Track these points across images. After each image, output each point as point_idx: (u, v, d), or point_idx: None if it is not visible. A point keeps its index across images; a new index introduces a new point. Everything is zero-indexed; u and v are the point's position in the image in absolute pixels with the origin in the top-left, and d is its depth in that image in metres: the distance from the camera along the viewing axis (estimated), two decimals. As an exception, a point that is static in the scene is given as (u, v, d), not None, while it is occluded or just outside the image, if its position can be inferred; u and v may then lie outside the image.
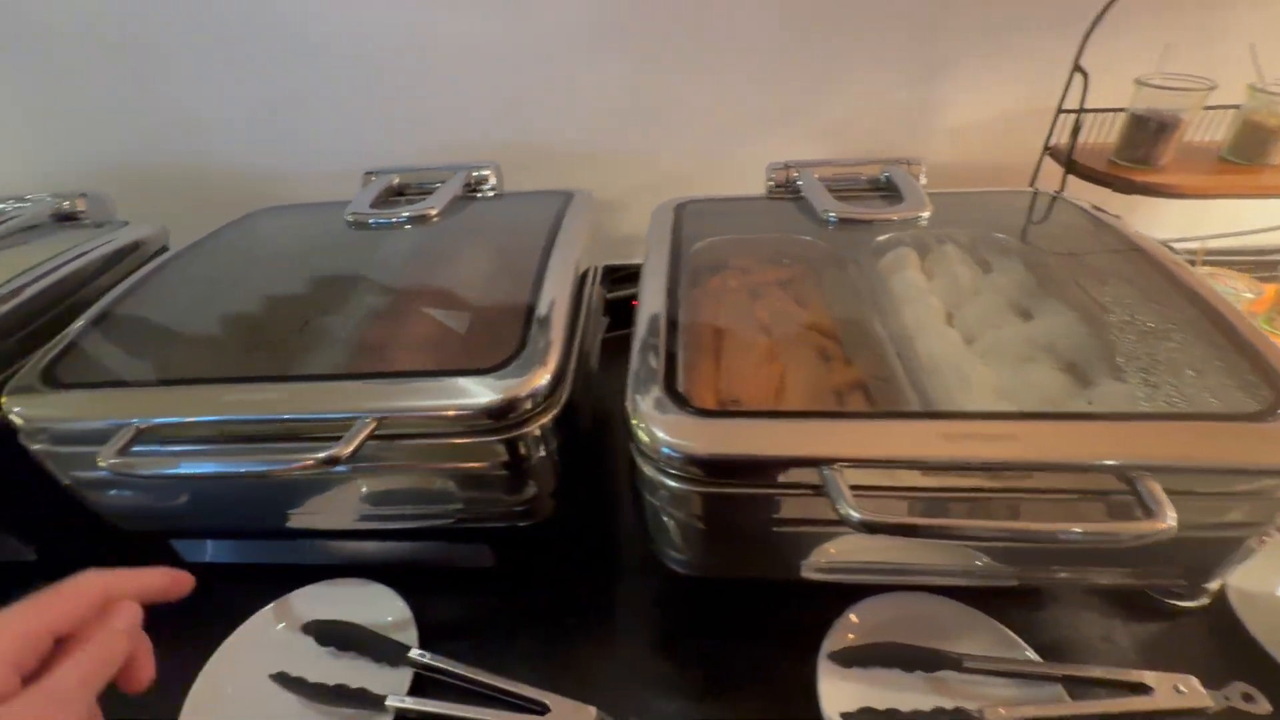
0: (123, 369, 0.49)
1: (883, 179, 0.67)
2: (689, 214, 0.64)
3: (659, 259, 0.55)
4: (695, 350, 0.46)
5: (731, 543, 0.44)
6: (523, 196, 0.71)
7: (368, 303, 0.54)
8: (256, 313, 0.55)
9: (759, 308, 0.51)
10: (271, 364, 0.48)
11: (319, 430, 0.43)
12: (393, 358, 0.48)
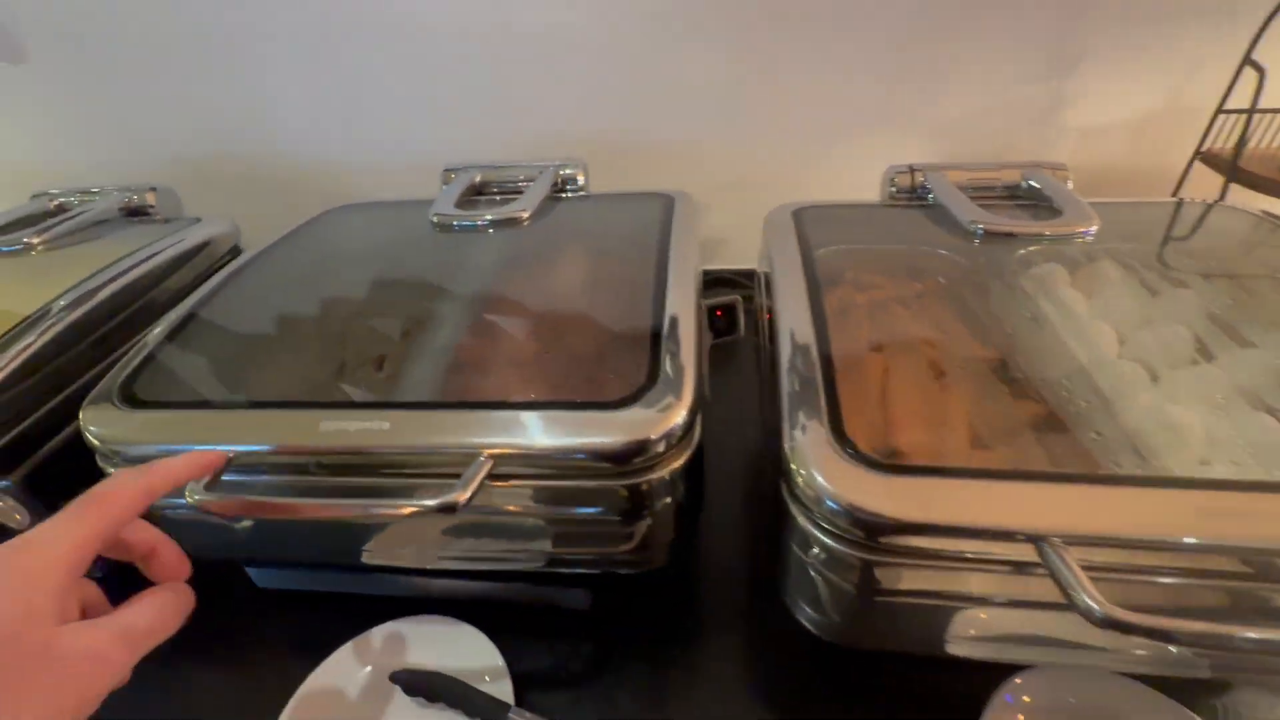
0: (206, 385, 0.45)
1: (1024, 186, 0.59)
2: (808, 220, 0.57)
3: (790, 271, 0.48)
4: (852, 381, 0.39)
5: (893, 614, 0.38)
6: (617, 199, 0.65)
7: (464, 315, 0.49)
8: (343, 324, 0.50)
9: (904, 329, 0.45)
10: (366, 384, 0.43)
11: (425, 465, 0.38)
12: (499, 380, 0.43)
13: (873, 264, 0.52)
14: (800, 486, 0.35)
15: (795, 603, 0.42)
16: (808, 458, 0.35)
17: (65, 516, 0.27)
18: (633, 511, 0.39)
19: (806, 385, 0.38)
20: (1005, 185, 0.60)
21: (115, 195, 0.72)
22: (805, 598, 0.40)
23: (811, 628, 0.42)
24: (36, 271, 0.60)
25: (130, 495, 0.29)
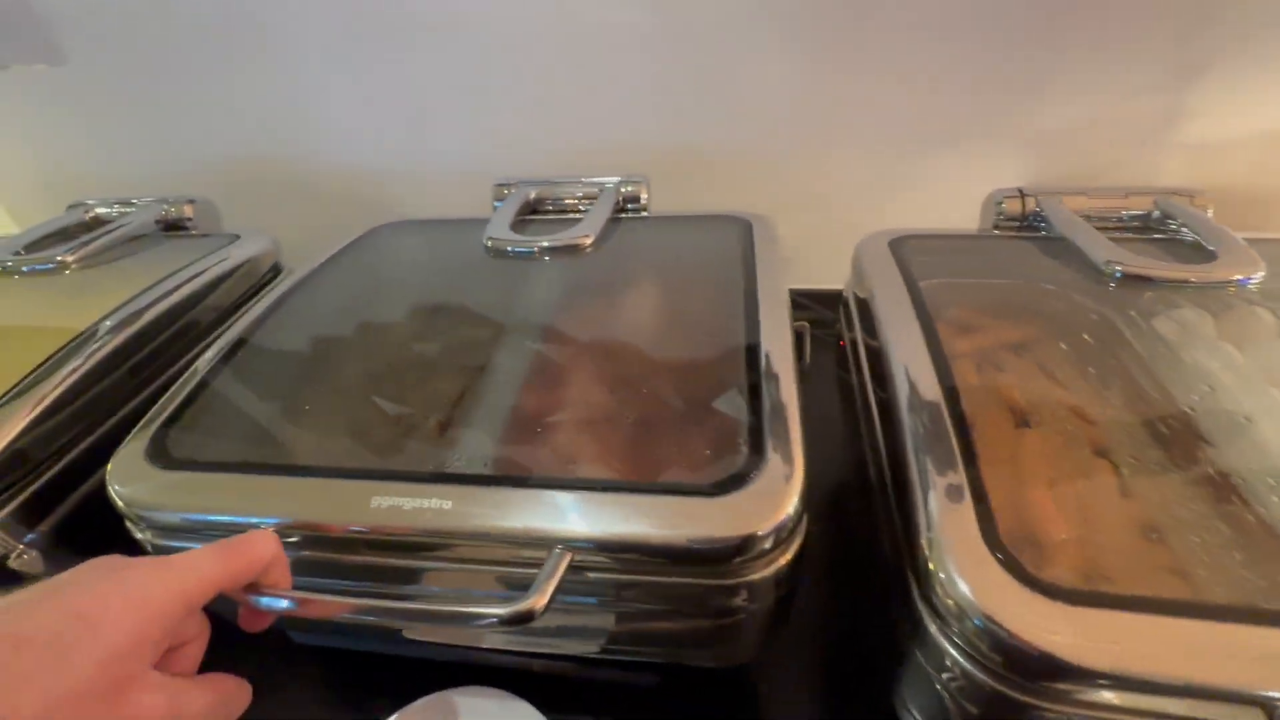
0: (245, 440, 0.40)
1: (1156, 216, 0.52)
2: (908, 251, 0.51)
3: (900, 315, 0.42)
4: (996, 459, 0.33)
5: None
6: (686, 221, 0.59)
7: (528, 363, 0.44)
8: (395, 372, 0.45)
9: (1046, 392, 0.38)
10: (424, 446, 0.38)
11: (491, 551, 0.33)
12: (573, 447, 0.37)
13: (992, 307, 0.45)
14: (939, 595, 0.29)
15: (907, 709, 0.36)
16: (954, 564, 0.29)
17: (210, 552, 0.26)
18: (727, 612, 0.34)
19: (942, 461, 0.32)
20: (1133, 215, 0.52)
21: (152, 208, 0.68)
22: (922, 709, 0.34)
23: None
24: (71, 292, 0.57)
25: (267, 556, 0.28)
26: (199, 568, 0.25)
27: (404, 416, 0.40)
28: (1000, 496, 0.31)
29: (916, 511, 0.31)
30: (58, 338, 0.48)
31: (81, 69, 0.75)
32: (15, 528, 0.41)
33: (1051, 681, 0.27)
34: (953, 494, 0.31)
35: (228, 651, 0.50)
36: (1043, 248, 0.51)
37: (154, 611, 0.23)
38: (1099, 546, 0.31)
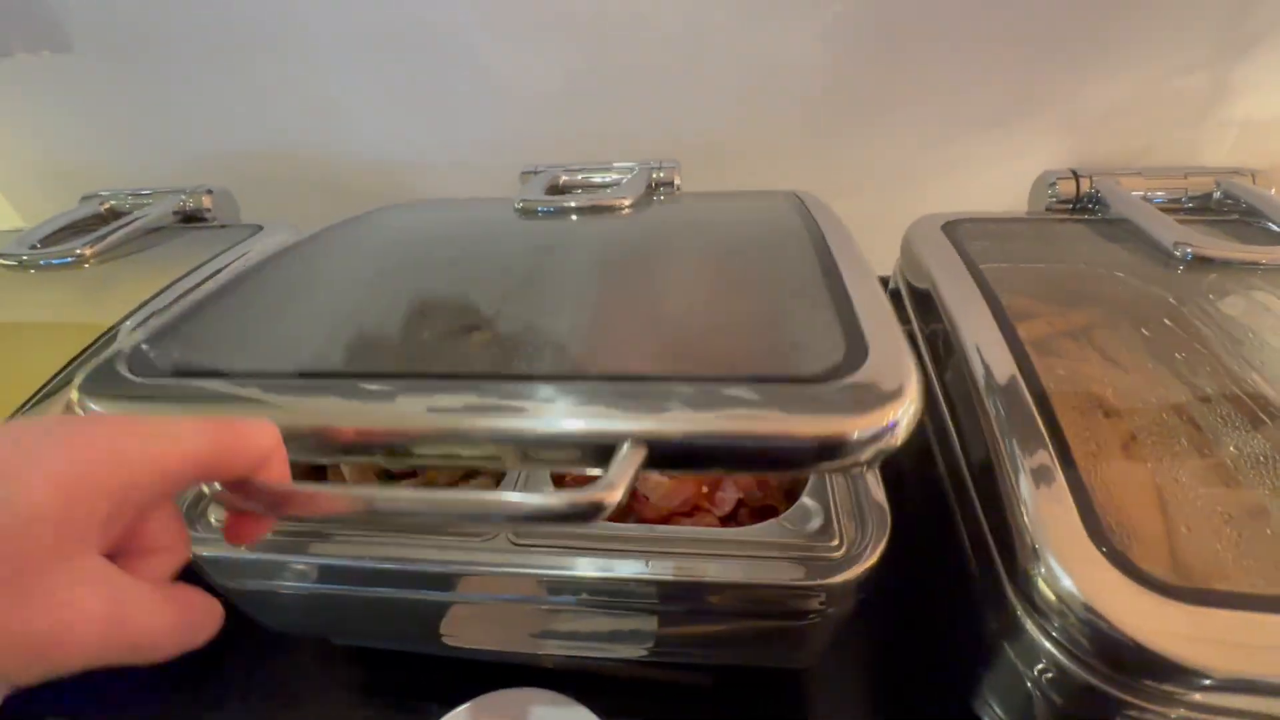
0: (249, 353, 0.35)
1: (1216, 197, 0.50)
2: (963, 235, 0.49)
3: (967, 300, 0.40)
4: (1091, 450, 0.32)
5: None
6: (731, 196, 0.57)
7: (591, 267, 0.41)
8: (419, 297, 0.39)
9: (1135, 381, 0.37)
10: (455, 355, 0.33)
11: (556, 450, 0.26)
12: (639, 348, 0.32)
13: (1060, 291, 0.44)
14: (1039, 589, 0.28)
15: (990, 706, 0.35)
16: (1056, 557, 0.27)
17: (198, 423, 0.19)
18: (811, 614, 0.32)
19: (1031, 449, 0.31)
20: (1192, 196, 0.51)
21: (170, 199, 0.66)
22: (1007, 706, 0.33)
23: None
24: (93, 286, 0.55)
25: (266, 445, 0.21)
26: (179, 437, 0.19)
27: (430, 327, 0.35)
28: (1097, 486, 0.30)
29: (1010, 502, 0.30)
30: (84, 335, 0.46)
31: (89, 57, 0.73)
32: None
33: (1158, 681, 0.26)
34: (1048, 483, 0.30)
35: (259, 652, 0.50)
36: (1101, 230, 0.49)
37: (105, 473, 0.17)
38: (1203, 538, 0.29)
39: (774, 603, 0.32)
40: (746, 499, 0.39)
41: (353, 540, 0.35)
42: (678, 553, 0.33)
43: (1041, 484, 0.30)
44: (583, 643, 0.40)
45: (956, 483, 0.37)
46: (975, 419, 0.35)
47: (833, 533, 0.33)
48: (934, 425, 0.41)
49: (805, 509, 0.34)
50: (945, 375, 0.41)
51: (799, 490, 0.37)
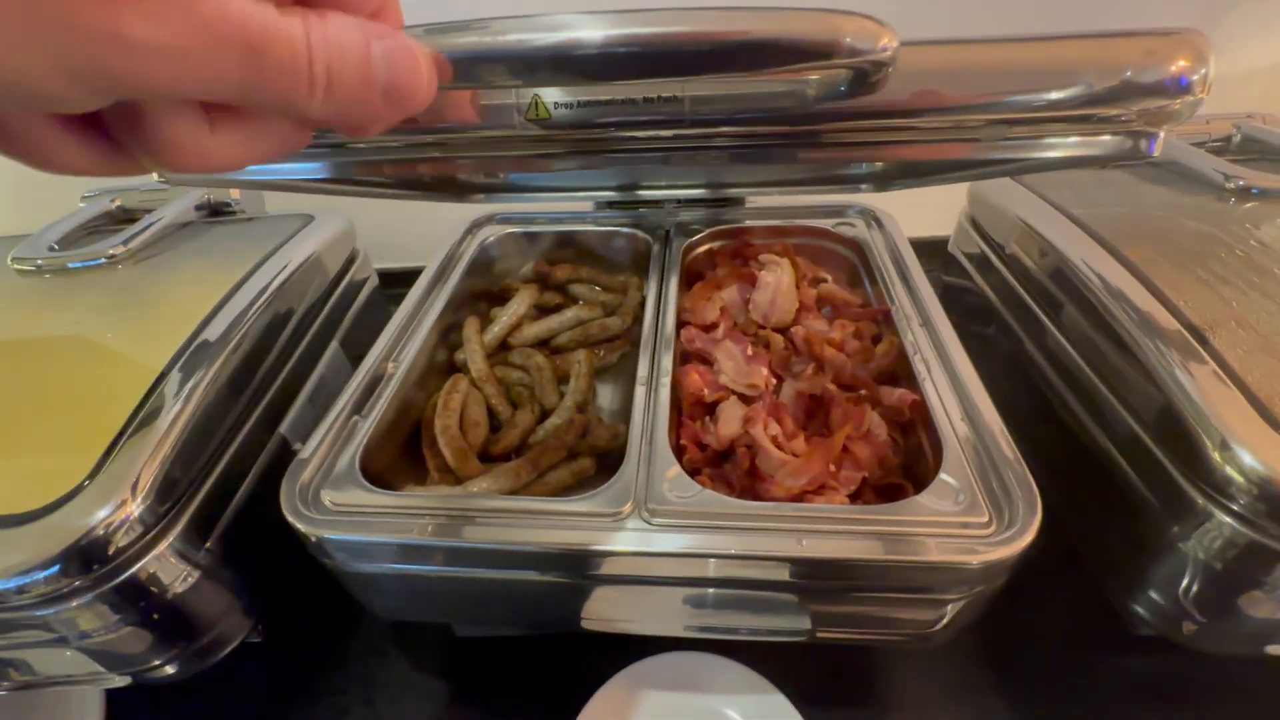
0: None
1: (1236, 139, 0.56)
2: (1030, 183, 0.52)
3: (1074, 236, 0.44)
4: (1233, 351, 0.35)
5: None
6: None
7: None
8: None
9: (1221, 286, 0.40)
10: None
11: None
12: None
13: (1141, 224, 0.47)
14: (1226, 471, 0.31)
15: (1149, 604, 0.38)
16: (1239, 440, 0.30)
17: None
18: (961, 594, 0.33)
19: (1186, 354, 0.34)
20: (1215, 138, 0.56)
21: (191, 193, 0.61)
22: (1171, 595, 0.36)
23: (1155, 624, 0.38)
24: (143, 288, 0.50)
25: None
26: None
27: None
28: (1247, 376, 0.33)
29: (1176, 403, 0.33)
30: (167, 343, 0.42)
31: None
32: (189, 546, 0.37)
33: None
34: (1211, 380, 0.33)
35: (391, 644, 0.47)
36: (1147, 174, 0.54)
37: None
38: None
39: (927, 581, 0.32)
40: (870, 478, 0.39)
41: (491, 523, 0.35)
42: (823, 531, 0.32)
43: (1206, 381, 0.33)
44: (719, 622, 0.39)
45: (1086, 400, 0.39)
46: (1106, 337, 0.37)
47: (981, 509, 0.33)
48: (1041, 354, 0.44)
49: (948, 485, 0.34)
50: (1055, 314, 0.44)
51: (920, 469, 0.39)
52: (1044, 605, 0.48)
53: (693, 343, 0.46)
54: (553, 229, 0.62)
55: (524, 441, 0.45)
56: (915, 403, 0.40)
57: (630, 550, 0.33)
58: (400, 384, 0.43)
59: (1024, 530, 0.31)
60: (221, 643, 0.41)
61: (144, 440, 0.36)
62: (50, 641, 0.36)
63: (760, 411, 0.40)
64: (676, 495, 0.34)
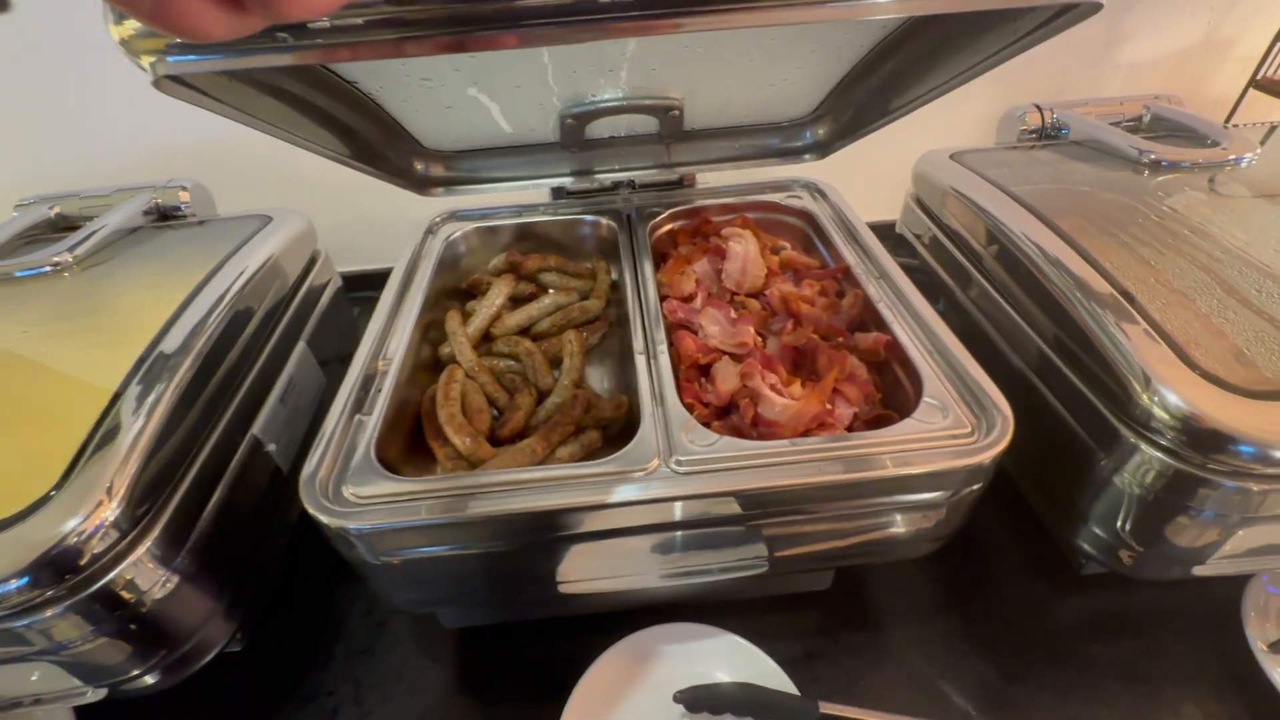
0: None
1: (1146, 119, 0.61)
2: (975, 164, 0.56)
3: (1005, 204, 0.47)
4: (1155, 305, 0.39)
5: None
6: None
7: None
8: None
9: (1167, 257, 0.44)
10: None
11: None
12: None
13: (1071, 197, 0.51)
14: (1154, 412, 0.35)
15: (1090, 536, 0.42)
16: (1166, 383, 0.34)
17: None
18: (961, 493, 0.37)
19: (1114, 310, 0.38)
20: (1129, 118, 0.61)
21: (137, 197, 0.59)
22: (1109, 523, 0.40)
23: (1098, 556, 0.42)
24: (97, 295, 0.48)
25: None
26: None
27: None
28: (1170, 327, 0.37)
29: (1107, 354, 0.37)
30: (128, 350, 0.41)
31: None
32: (167, 551, 0.36)
33: (1237, 458, 0.33)
34: (1138, 331, 0.37)
35: (376, 643, 0.47)
36: (1070, 151, 0.58)
37: None
38: (1260, 354, 0.37)
39: (933, 485, 0.36)
40: (859, 413, 0.43)
41: (529, 492, 0.35)
42: (839, 456, 0.36)
43: (1133, 333, 0.37)
44: (748, 557, 0.41)
45: (1039, 362, 0.43)
46: (1044, 301, 0.41)
47: (963, 422, 0.37)
48: (1002, 324, 0.48)
49: (932, 406, 0.38)
50: (998, 282, 0.48)
51: (899, 400, 0.43)
52: (999, 554, 0.52)
53: (675, 314, 0.48)
54: (514, 221, 0.62)
55: (528, 423, 0.46)
56: (889, 343, 0.44)
57: (671, 495, 0.35)
58: (395, 380, 0.43)
59: (1003, 433, 0.36)
60: (203, 650, 0.40)
61: (114, 447, 0.36)
62: (24, 655, 0.34)
63: (756, 365, 0.43)
64: (698, 445, 0.37)
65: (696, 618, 0.46)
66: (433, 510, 0.34)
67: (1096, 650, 0.46)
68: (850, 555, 0.41)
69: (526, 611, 0.49)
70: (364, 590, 0.52)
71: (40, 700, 0.39)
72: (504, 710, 0.45)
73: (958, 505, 0.38)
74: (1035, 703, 0.43)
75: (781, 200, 0.61)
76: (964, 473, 0.35)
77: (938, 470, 0.35)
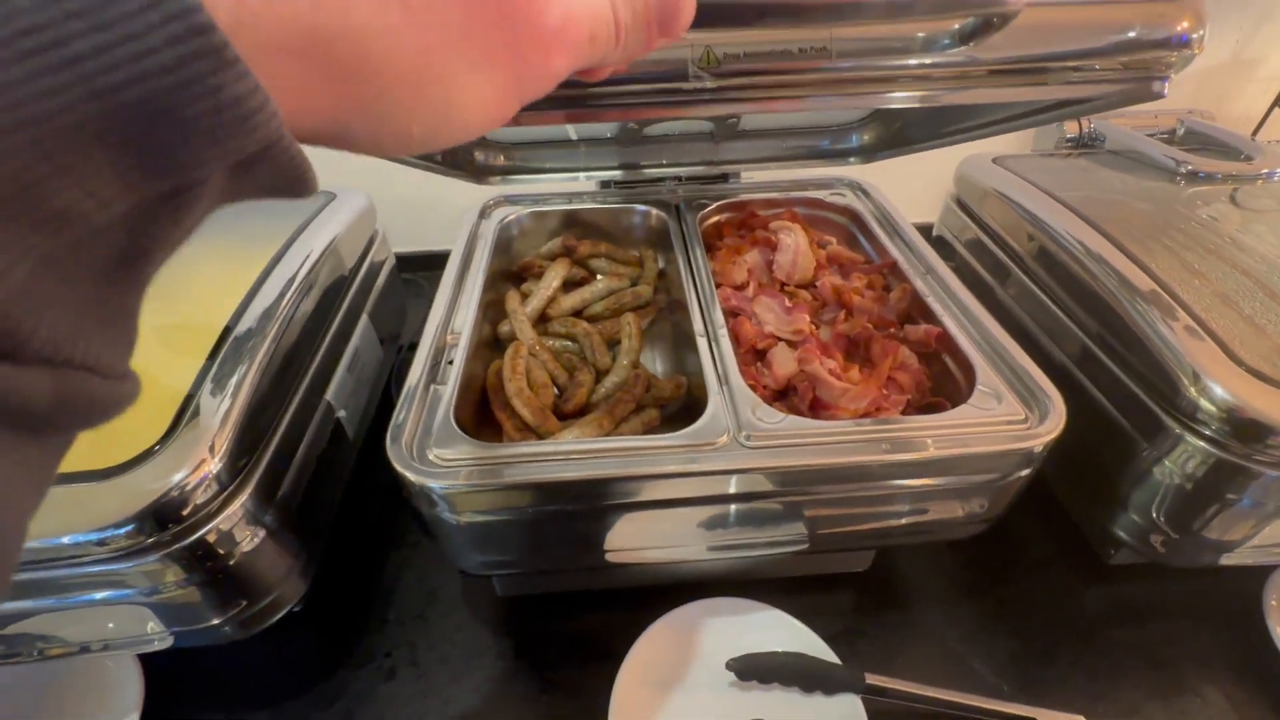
0: None
1: (1180, 133, 0.64)
2: (1019, 170, 0.58)
3: (1052, 208, 0.49)
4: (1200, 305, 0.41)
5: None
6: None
7: None
8: None
9: (1216, 263, 0.46)
10: None
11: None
12: None
13: (1112, 206, 0.53)
14: (1201, 405, 0.37)
15: (1128, 522, 0.44)
16: (1214, 377, 0.36)
17: None
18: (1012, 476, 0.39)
19: (1168, 314, 0.40)
20: (1163, 130, 0.64)
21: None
22: (1141, 513, 0.42)
23: (1132, 543, 0.44)
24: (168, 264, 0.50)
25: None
26: None
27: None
28: (1215, 324, 0.39)
29: (1154, 351, 0.39)
30: (219, 313, 0.43)
31: None
32: (258, 507, 0.38)
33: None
34: (1184, 329, 0.39)
35: (430, 609, 0.49)
36: (1107, 160, 0.61)
37: None
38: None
39: (992, 466, 0.38)
40: (912, 400, 0.45)
41: (606, 459, 0.37)
42: (903, 438, 0.38)
43: (1179, 330, 0.39)
44: (790, 535, 0.43)
45: (1081, 356, 0.45)
46: (1088, 298, 0.43)
47: (1017, 409, 0.39)
48: (1045, 324, 0.50)
49: (986, 393, 0.41)
50: (1040, 280, 0.50)
51: (949, 389, 0.45)
52: (1027, 543, 0.54)
53: (729, 301, 0.50)
54: (565, 208, 0.64)
55: (589, 400, 0.48)
56: (940, 334, 0.46)
57: (743, 467, 0.37)
58: (464, 354, 0.45)
59: (1057, 420, 0.38)
60: (277, 606, 0.42)
61: (214, 405, 0.37)
62: (116, 598, 0.36)
63: (814, 350, 0.45)
64: (766, 422, 0.39)
65: (737, 594, 0.49)
66: (518, 473, 0.36)
67: (1122, 635, 0.48)
68: (900, 534, 0.43)
69: (575, 581, 0.51)
70: (415, 558, 0.54)
71: (108, 646, 0.40)
72: (559, 674, 0.47)
73: (1007, 489, 0.40)
74: (1066, 681, 0.46)
75: (825, 197, 0.63)
76: (1019, 456, 0.37)
77: (997, 452, 0.37)
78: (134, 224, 0.11)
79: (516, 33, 0.16)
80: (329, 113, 0.14)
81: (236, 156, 0.12)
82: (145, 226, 0.12)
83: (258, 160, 0.12)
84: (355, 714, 0.45)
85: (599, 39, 0.18)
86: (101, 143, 0.10)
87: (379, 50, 0.14)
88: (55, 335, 0.11)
